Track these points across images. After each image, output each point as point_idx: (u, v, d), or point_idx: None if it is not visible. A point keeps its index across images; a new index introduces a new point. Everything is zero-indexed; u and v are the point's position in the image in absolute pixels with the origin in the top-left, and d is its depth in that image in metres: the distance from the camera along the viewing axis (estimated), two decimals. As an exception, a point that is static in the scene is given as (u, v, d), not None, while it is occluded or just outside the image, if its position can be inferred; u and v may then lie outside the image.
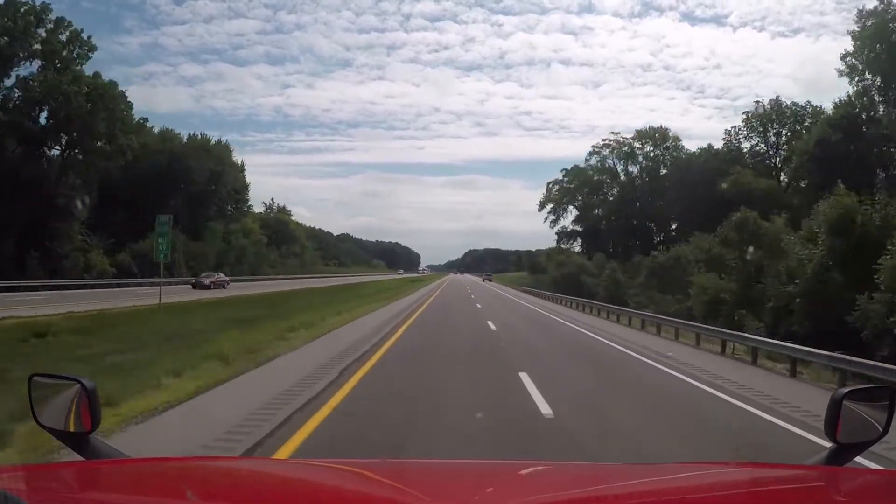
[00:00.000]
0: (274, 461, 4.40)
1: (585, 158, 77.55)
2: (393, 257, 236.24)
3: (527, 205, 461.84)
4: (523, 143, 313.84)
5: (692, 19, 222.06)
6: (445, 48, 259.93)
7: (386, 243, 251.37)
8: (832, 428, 1.76)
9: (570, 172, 78.68)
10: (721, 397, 10.17)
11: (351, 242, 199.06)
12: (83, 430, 1.75)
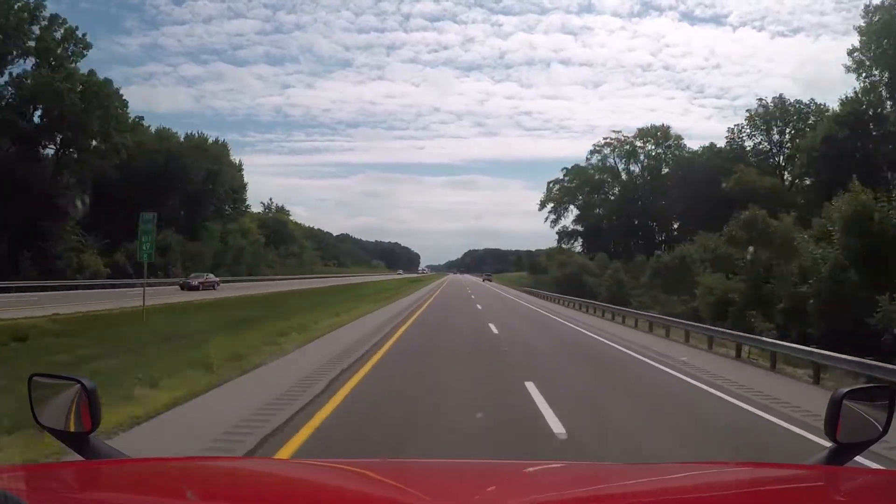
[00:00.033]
0: (274, 461, 4.32)
1: (586, 157, 77.10)
2: (392, 257, 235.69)
3: (526, 205, 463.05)
4: (523, 143, 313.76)
5: (692, 19, 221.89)
6: (445, 48, 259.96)
7: (385, 243, 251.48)
8: (832, 427, 1.76)
9: (571, 171, 78.06)
10: (762, 416, 8.66)
11: (350, 242, 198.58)
12: (83, 430, 1.76)
